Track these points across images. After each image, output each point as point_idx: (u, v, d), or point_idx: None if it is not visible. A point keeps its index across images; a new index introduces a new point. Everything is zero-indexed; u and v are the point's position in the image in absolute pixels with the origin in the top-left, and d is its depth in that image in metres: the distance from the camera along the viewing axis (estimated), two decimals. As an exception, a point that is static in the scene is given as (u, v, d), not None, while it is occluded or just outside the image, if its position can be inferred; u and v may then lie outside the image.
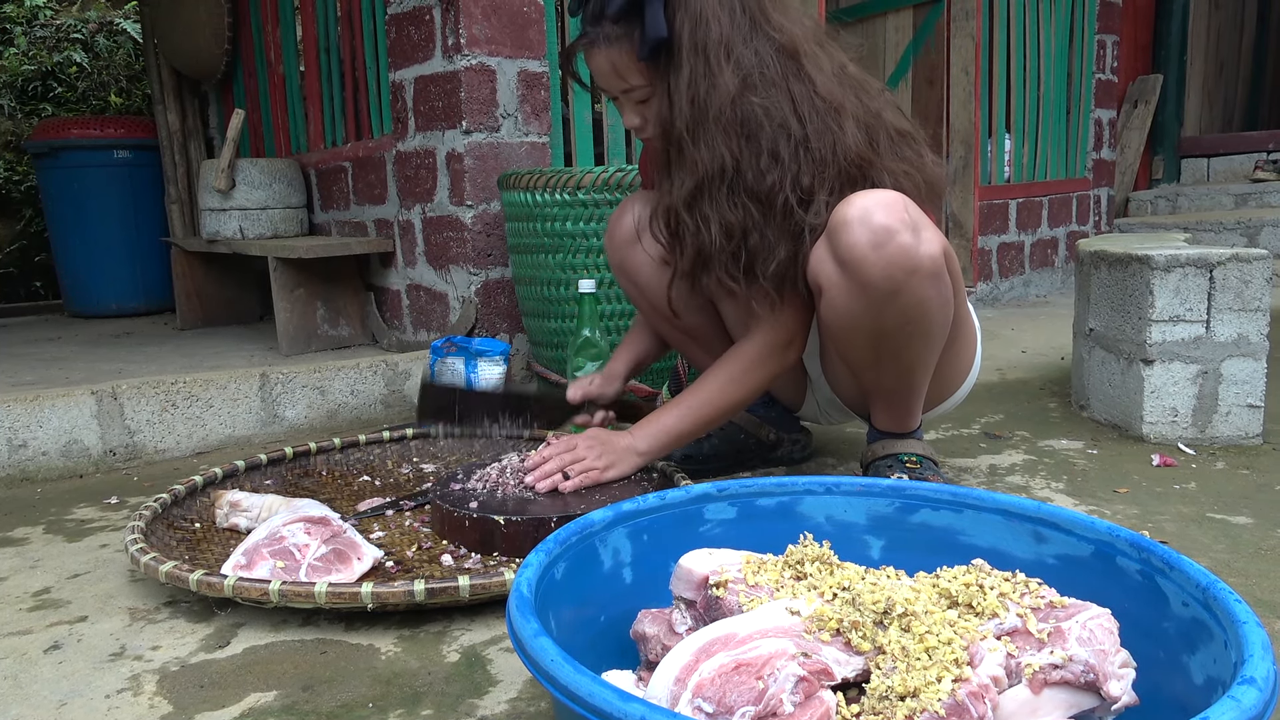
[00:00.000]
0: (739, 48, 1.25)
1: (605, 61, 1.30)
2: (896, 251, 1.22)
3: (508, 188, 2.22)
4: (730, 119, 1.24)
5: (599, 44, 1.29)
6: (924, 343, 1.33)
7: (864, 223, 1.21)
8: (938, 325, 1.32)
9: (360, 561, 1.22)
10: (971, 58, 3.61)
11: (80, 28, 5.07)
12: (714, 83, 1.24)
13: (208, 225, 2.99)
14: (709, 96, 1.24)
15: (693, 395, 1.41)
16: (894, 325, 1.28)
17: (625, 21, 1.26)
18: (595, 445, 1.38)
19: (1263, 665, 0.62)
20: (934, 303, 1.28)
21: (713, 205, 1.28)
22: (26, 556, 1.41)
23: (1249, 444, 1.77)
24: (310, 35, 3.07)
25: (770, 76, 1.26)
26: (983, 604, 0.78)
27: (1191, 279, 1.75)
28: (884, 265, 1.22)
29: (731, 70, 1.24)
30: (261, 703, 0.95)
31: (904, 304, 1.26)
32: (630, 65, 1.29)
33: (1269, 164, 4.92)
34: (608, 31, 1.28)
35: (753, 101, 1.24)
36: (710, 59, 1.24)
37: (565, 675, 0.63)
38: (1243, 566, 1.22)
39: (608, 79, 1.33)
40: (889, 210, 1.22)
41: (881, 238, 1.21)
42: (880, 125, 1.31)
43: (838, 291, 1.27)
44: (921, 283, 1.24)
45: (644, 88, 1.31)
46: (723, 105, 1.24)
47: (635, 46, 1.26)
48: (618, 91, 1.34)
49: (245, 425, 2.04)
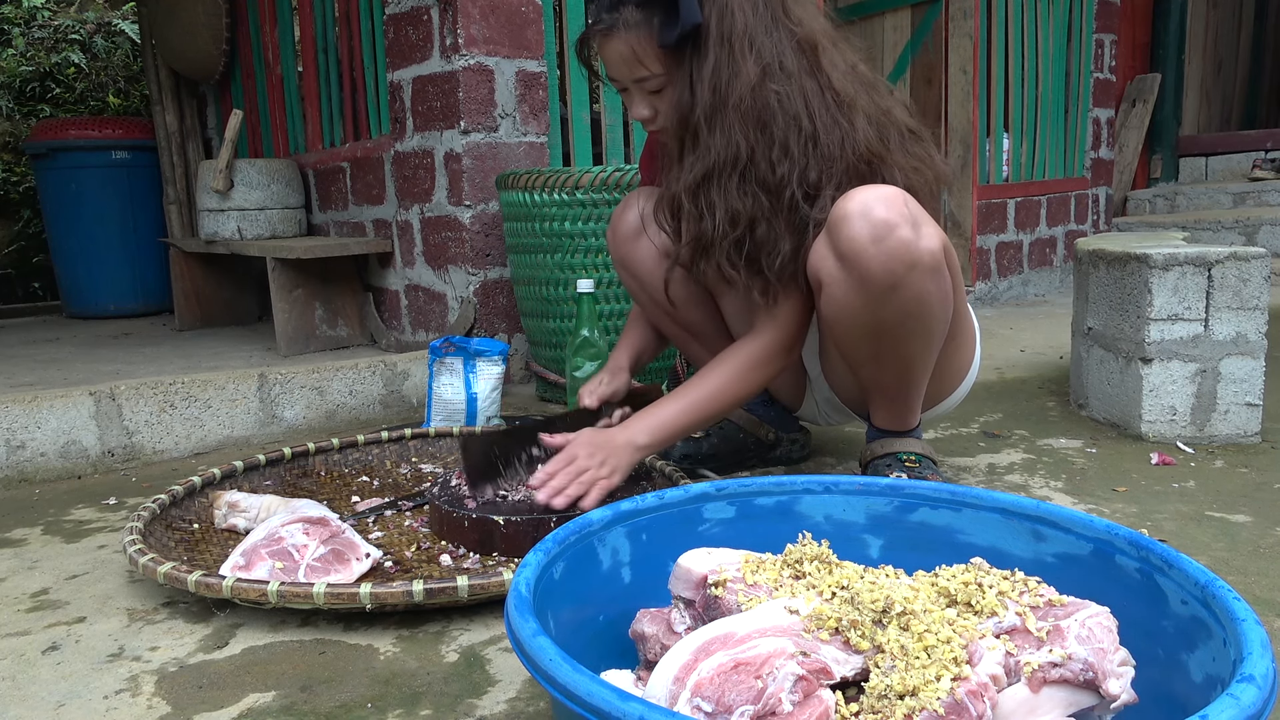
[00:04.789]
0: (761, 39, 1.25)
1: (625, 47, 1.29)
2: (896, 246, 1.21)
3: (506, 188, 2.22)
4: (749, 108, 1.25)
5: (618, 29, 1.28)
6: (923, 338, 1.33)
7: (864, 216, 1.21)
8: (937, 321, 1.32)
9: (359, 562, 1.22)
10: (970, 57, 3.61)
11: (78, 29, 5.07)
12: (736, 71, 1.24)
13: (206, 226, 2.99)
14: (730, 85, 1.24)
15: (694, 389, 1.38)
16: (893, 320, 1.28)
17: (647, 7, 1.26)
18: (595, 451, 1.31)
19: (1261, 663, 0.62)
20: (933, 298, 1.28)
21: (721, 192, 1.28)
22: (25, 557, 1.41)
23: (1247, 442, 1.77)
24: (308, 36, 3.07)
25: (789, 70, 1.26)
26: (982, 603, 0.78)
27: (1190, 278, 1.75)
28: (884, 259, 1.22)
29: (754, 60, 1.25)
30: (260, 703, 0.95)
31: (903, 299, 1.25)
32: (650, 52, 1.28)
33: (1267, 163, 4.93)
34: (628, 17, 1.27)
35: (770, 94, 1.25)
36: (735, 48, 1.24)
37: (564, 675, 0.63)
38: (1241, 564, 1.22)
39: (623, 67, 1.32)
40: (889, 205, 1.22)
41: (881, 232, 1.21)
42: (891, 123, 1.31)
43: (837, 286, 1.27)
44: (921, 277, 1.24)
45: (659, 76, 1.30)
46: (743, 94, 1.24)
47: (655, 33, 1.26)
48: (631, 80, 1.33)
49: (244, 426, 2.04)
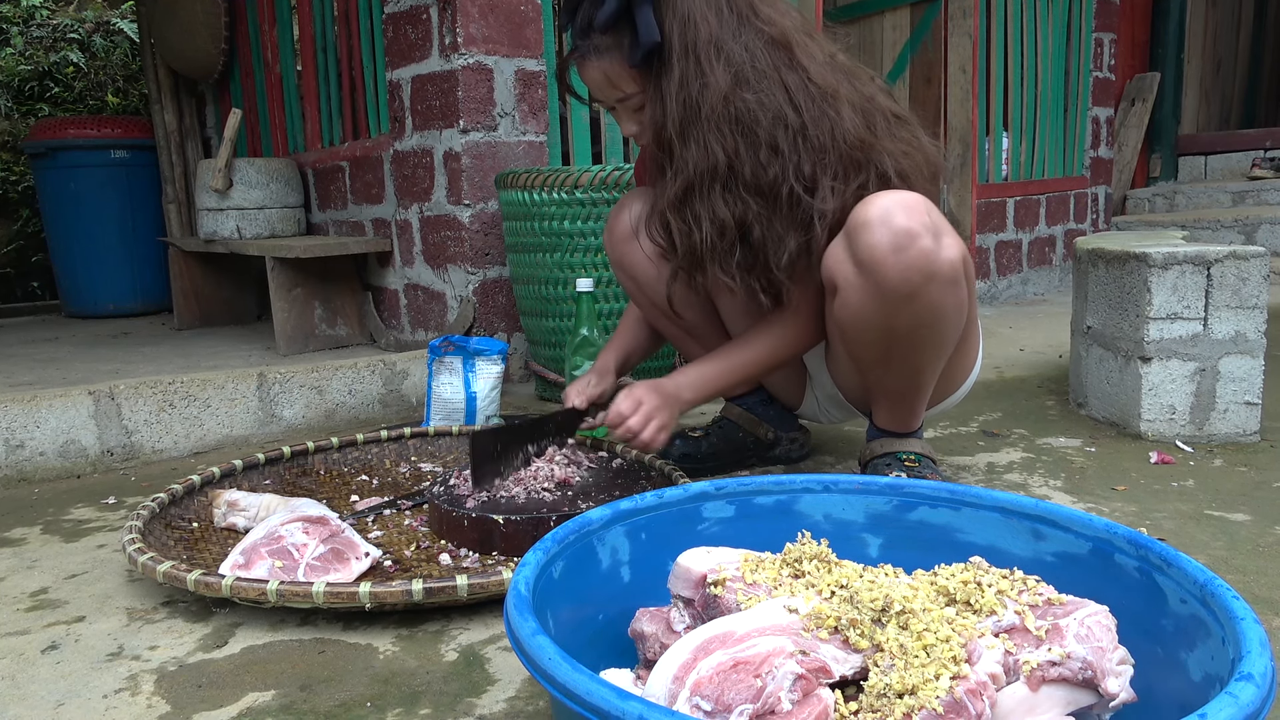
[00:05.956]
0: (729, 44, 1.25)
1: (598, 73, 1.32)
2: (917, 256, 1.20)
3: (505, 187, 2.22)
4: (723, 116, 1.24)
5: (590, 56, 1.31)
6: (935, 347, 1.32)
7: (885, 224, 1.20)
8: (950, 331, 1.31)
9: (358, 561, 1.22)
10: (969, 56, 3.61)
11: (77, 28, 5.06)
12: (705, 82, 1.24)
13: (205, 225, 2.99)
14: (701, 96, 1.24)
15: (737, 353, 1.43)
16: (907, 329, 1.27)
17: (614, 31, 1.27)
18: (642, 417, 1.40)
19: (1260, 662, 0.62)
20: (949, 308, 1.27)
21: (705, 204, 1.28)
22: (24, 557, 1.41)
23: (1247, 441, 1.77)
24: (307, 35, 3.07)
25: (762, 69, 1.25)
26: (981, 601, 0.78)
27: (1189, 277, 1.75)
28: (903, 269, 1.21)
29: (723, 68, 1.24)
30: (259, 702, 0.95)
31: (919, 308, 1.25)
32: (623, 73, 1.30)
33: (1266, 161, 4.93)
34: (598, 43, 1.29)
35: (746, 98, 1.24)
36: (701, 59, 1.24)
37: (563, 674, 0.63)
38: (1240, 563, 1.22)
39: (602, 90, 1.34)
40: (910, 213, 1.20)
41: (903, 241, 1.20)
42: (875, 109, 1.31)
43: (853, 292, 1.26)
44: (939, 288, 1.23)
45: (638, 95, 1.32)
46: (714, 103, 1.24)
47: (626, 54, 1.27)
48: (613, 101, 1.35)
49: (243, 425, 2.04)
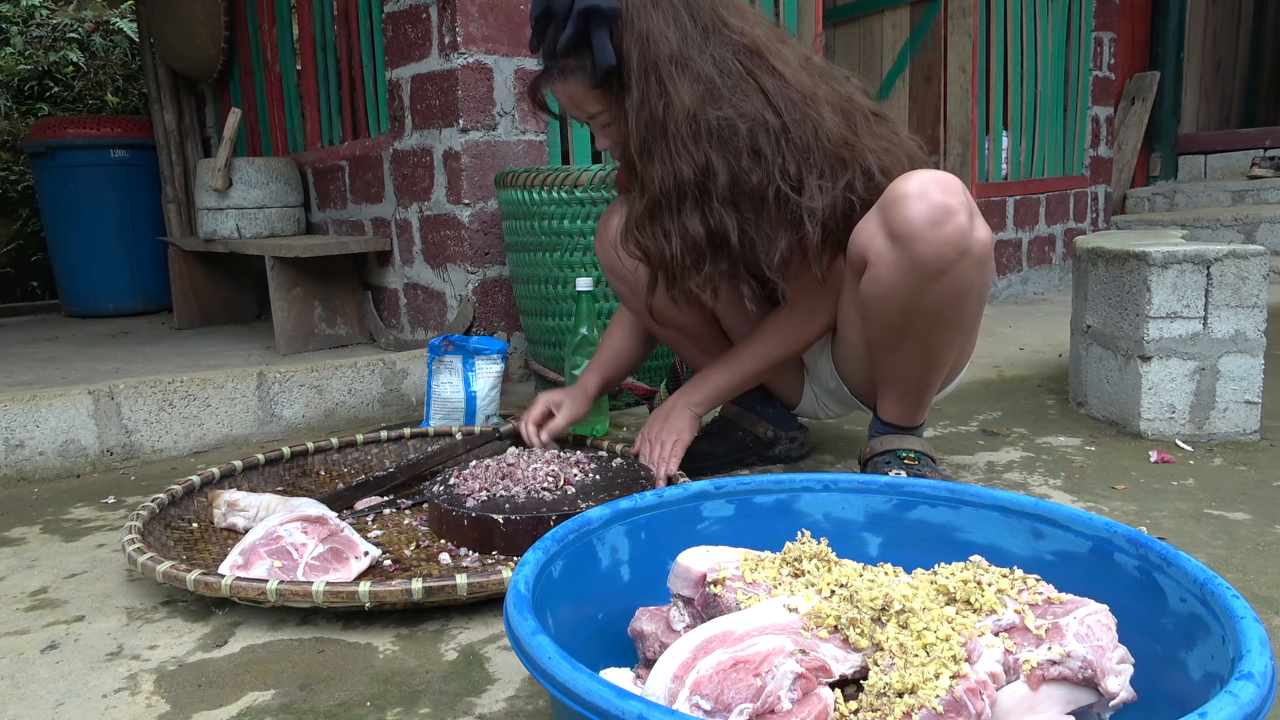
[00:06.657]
0: (695, 60, 1.25)
1: (564, 95, 1.34)
2: (953, 232, 1.21)
3: (505, 186, 2.22)
4: (689, 132, 1.24)
5: (556, 78, 1.32)
6: (954, 329, 1.32)
7: (923, 198, 1.21)
8: (971, 313, 1.32)
9: (358, 560, 1.22)
10: (969, 55, 3.61)
11: (76, 27, 5.06)
12: (669, 100, 1.24)
13: (205, 224, 2.99)
14: (665, 114, 1.24)
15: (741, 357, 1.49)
16: (932, 307, 1.28)
17: (576, 54, 1.28)
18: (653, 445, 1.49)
19: (1260, 660, 0.62)
20: (975, 289, 1.28)
21: (673, 219, 1.29)
22: (23, 556, 1.41)
23: (1246, 440, 1.77)
24: (306, 34, 3.07)
25: (735, 79, 1.25)
26: (980, 600, 0.78)
27: (1189, 276, 1.75)
28: (940, 243, 1.21)
29: (689, 84, 1.24)
30: (259, 702, 0.95)
31: (948, 285, 1.25)
32: (587, 95, 1.31)
33: (1266, 160, 4.92)
34: (563, 65, 1.30)
35: (717, 111, 1.24)
36: (662, 77, 1.24)
37: (563, 673, 0.63)
38: (1240, 562, 1.22)
39: (572, 109, 1.36)
40: (947, 189, 1.21)
41: (940, 215, 1.20)
42: (854, 108, 1.31)
43: (885, 265, 1.26)
44: (970, 267, 1.24)
45: (605, 113, 1.33)
46: (679, 120, 1.24)
47: (589, 76, 1.28)
48: (584, 119, 1.37)
49: (243, 425, 2.04)
